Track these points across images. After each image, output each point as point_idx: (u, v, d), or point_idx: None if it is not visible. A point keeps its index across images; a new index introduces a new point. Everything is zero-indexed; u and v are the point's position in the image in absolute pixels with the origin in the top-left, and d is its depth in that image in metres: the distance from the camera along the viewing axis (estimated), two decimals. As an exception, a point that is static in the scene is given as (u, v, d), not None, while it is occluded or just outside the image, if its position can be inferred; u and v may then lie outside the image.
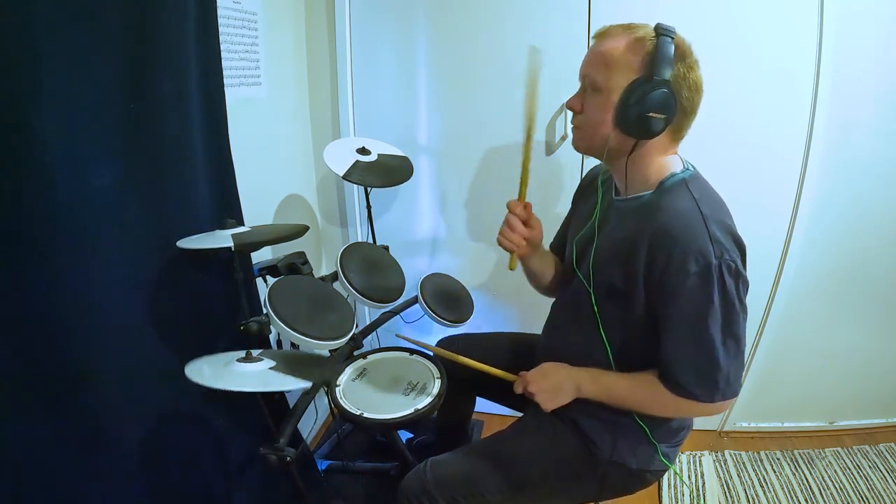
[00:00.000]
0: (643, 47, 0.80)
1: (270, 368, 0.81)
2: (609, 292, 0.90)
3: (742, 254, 0.81)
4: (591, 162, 1.49)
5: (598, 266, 0.91)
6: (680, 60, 0.80)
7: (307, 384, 0.77)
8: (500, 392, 1.17)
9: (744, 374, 1.66)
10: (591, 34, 0.88)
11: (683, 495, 1.52)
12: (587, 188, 1.08)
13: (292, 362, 0.86)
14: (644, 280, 0.83)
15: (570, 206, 1.17)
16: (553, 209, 1.58)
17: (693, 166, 0.91)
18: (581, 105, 0.88)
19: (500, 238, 1.03)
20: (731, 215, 0.84)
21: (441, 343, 1.30)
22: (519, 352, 1.19)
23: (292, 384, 0.77)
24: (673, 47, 0.78)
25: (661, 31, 0.79)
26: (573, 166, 1.55)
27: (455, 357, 1.09)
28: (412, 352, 1.29)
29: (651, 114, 0.79)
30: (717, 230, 0.78)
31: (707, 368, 0.81)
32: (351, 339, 1.10)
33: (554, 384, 0.95)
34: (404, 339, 1.20)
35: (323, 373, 0.90)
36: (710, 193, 0.86)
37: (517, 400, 1.02)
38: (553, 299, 1.15)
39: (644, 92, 0.78)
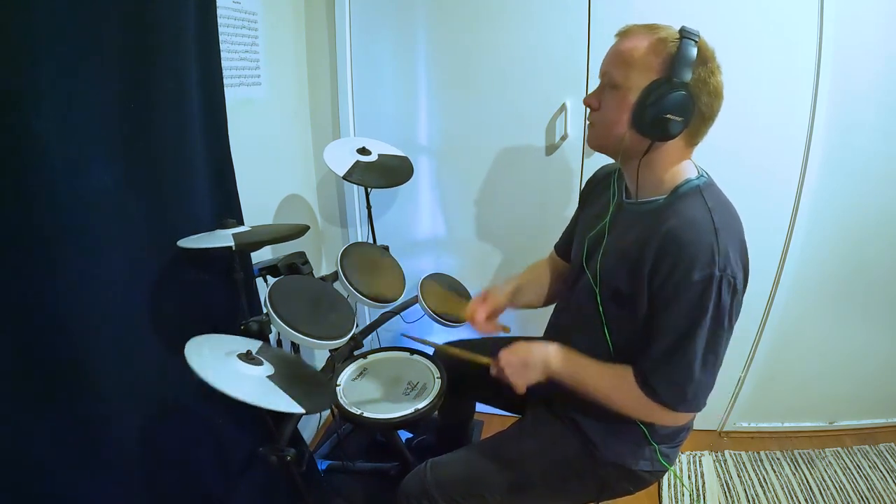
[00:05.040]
0: (665, 48, 0.79)
1: (268, 377, 0.80)
2: (614, 295, 0.89)
3: (745, 273, 0.80)
4: (592, 163, 1.49)
5: (605, 268, 0.91)
6: (702, 64, 0.79)
7: (301, 410, 0.76)
8: (500, 396, 1.17)
9: (738, 382, 1.68)
10: (593, 35, 0.88)
11: (683, 495, 1.52)
12: (597, 187, 1.07)
13: (291, 373, 0.85)
14: (647, 284, 0.82)
15: (569, 206, 1.17)
16: (553, 210, 1.58)
17: (707, 173, 0.90)
18: (598, 102, 0.87)
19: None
20: (743, 230, 0.83)
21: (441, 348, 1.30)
22: None
23: (286, 405, 0.76)
24: (696, 50, 0.77)
25: (685, 34, 0.78)
26: (573, 166, 1.55)
27: (445, 349, 1.09)
28: (412, 352, 1.29)
29: (668, 115, 0.78)
30: (726, 244, 0.77)
31: (681, 377, 0.81)
32: (351, 339, 1.10)
33: (521, 359, 0.94)
34: (410, 338, 1.19)
35: (319, 396, 0.89)
36: (724, 204, 0.84)
37: (517, 404, 1.02)
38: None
39: (662, 93, 0.77)
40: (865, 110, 1.39)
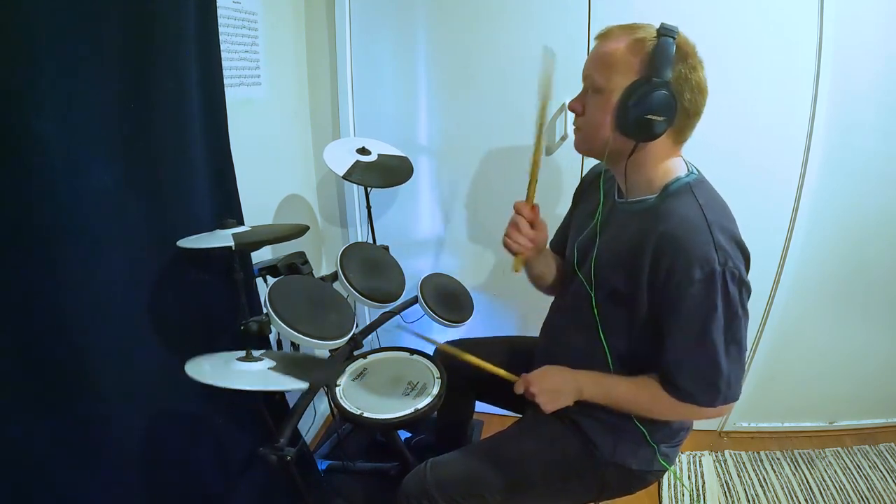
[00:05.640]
0: (643, 48, 0.79)
1: (270, 368, 0.81)
2: (611, 295, 0.89)
3: (746, 260, 0.81)
4: (591, 164, 1.49)
5: (599, 269, 0.91)
6: (682, 61, 0.79)
7: (304, 385, 0.77)
8: (500, 395, 1.17)
9: (744, 375, 1.68)
10: (593, 35, 0.87)
11: (683, 495, 1.52)
12: (589, 187, 1.07)
13: (292, 363, 0.86)
14: (647, 285, 0.82)
15: (569, 205, 1.17)
16: (553, 210, 1.58)
17: (697, 169, 0.90)
18: (583, 107, 0.88)
19: (507, 240, 0.99)
20: (735, 220, 0.84)
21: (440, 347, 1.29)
22: (517, 355, 1.19)
23: (290, 384, 0.77)
24: (674, 48, 0.77)
25: (663, 32, 0.78)
26: (573, 167, 1.55)
27: (459, 354, 1.08)
28: (412, 352, 1.29)
29: (650, 115, 0.78)
30: (721, 237, 0.77)
31: (709, 373, 0.81)
32: (351, 339, 1.10)
33: (555, 385, 0.95)
34: (410, 330, 1.17)
35: (322, 374, 0.90)
36: (714, 198, 0.85)
37: (517, 403, 1.02)
38: (552, 298, 1.15)
39: (643, 93, 0.77)
40: (865, 110, 1.39)
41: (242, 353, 0.83)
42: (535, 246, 1.00)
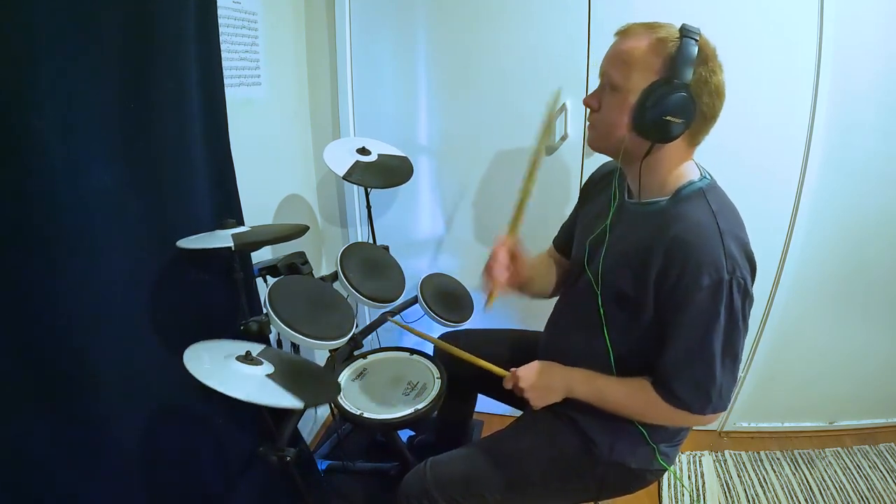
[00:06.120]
0: (665, 48, 0.78)
1: (268, 375, 0.80)
2: (617, 296, 0.89)
3: (752, 271, 0.81)
4: (592, 163, 1.49)
5: (607, 269, 0.91)
6: (702, 64, 0.78)
7: (300, 404, 0.77)
8: (502, 390, 1.17)
9: (739, 382, 1.68)
10: (593, 35, 0.87)
11: (683, 496, 1.52)
12: (598, 184, 1.07)
13: (291, 371, 0.86)
14: (654, 288, 0.82)
15: (569, 205, 1.17)
16: (554, 210, 1.57)
17: (710, 174, 0.89)
18: (598, 103, 0.87)
19: (484, 274, 1.02)
20: (746, 229, 0.83)
21: (441, 339, 1.29)
22: (519, 349, 1.18)
23: (286, 401, 0.76)
24: (696, 49, 0.77)
25: (686, 33, 0.77)
26: (573, 166, 1.55)
27: (448, 348, 1.08)
28: (412, 352, 1.29)
29: (668, 118, 0.77)
30: (732, 245, 0.77)
31: (703, 381, 0.81)
32: (351, 339, 1.10)
33: (544, 382, 0.95)
34: (398, 324, 1.18)
35: (320, 392, 0.90)
36: (727, 206, 0.84)
37: (519, 398, 1.02)
38: (555, 298, 1.15)
39: (662, 95, 0.77)
40: (865, 110, 1.39)
41: (243, 351, 0.82)
42: (513, 279, 1.03)
